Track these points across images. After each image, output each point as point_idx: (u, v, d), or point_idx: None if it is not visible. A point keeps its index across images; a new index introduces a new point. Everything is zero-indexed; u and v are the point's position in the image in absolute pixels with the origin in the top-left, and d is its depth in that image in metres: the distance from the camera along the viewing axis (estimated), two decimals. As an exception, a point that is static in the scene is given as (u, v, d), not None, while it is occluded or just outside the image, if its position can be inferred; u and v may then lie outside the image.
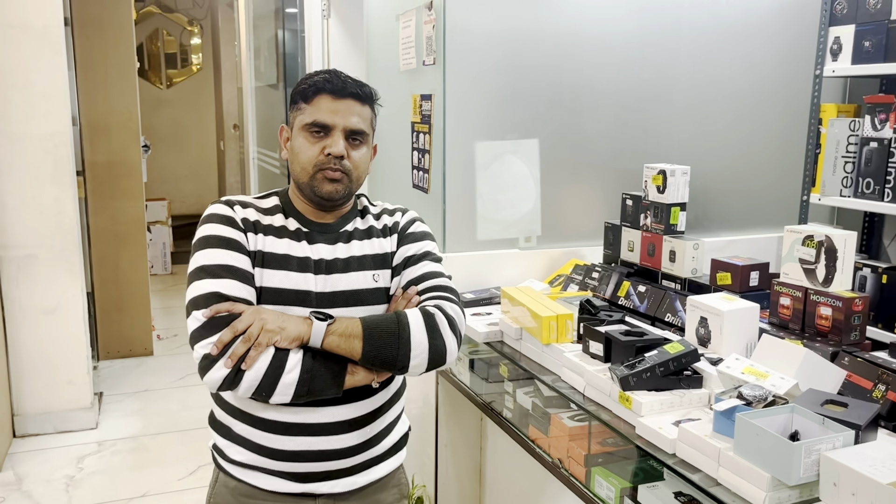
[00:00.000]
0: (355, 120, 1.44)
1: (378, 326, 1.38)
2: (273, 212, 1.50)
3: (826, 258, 1.70)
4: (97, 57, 4.55)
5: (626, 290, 2.18)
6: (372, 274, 1.50)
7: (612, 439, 1.73)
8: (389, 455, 1.56)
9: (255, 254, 1.44)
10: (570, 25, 2.47)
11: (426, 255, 1.55)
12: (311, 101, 1.45)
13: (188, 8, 8.21)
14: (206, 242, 1.42)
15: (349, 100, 1.44)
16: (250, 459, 1.46)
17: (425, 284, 1.50)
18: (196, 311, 1.36)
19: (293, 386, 1.35)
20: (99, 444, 3.64)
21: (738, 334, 1.72)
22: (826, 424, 1.27)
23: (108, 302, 4.74)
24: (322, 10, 3.86)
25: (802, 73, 2.68)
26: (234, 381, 1.34)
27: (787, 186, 2.75)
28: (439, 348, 1.41)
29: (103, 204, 4.68)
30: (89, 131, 4.56)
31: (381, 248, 1.54)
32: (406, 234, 1.56)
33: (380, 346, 1.37)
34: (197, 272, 1.40)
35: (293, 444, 1.43)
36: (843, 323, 1.66)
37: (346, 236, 1.51)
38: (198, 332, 1.36)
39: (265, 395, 1.35)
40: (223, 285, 1.37)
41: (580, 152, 2.55)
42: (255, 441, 1.45)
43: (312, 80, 1.46)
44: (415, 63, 2.55)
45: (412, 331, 1.39)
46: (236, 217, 1.45)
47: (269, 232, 1.47)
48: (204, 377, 1.35)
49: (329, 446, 1.45)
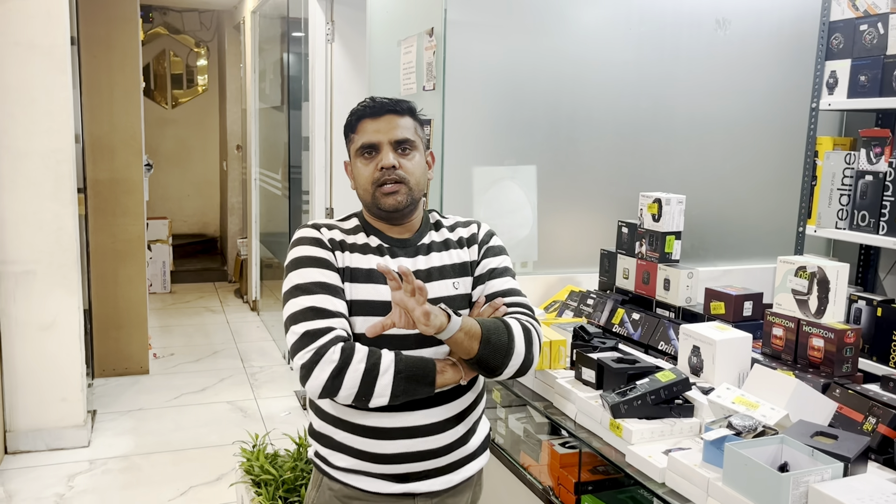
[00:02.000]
0: (398, 131, 1.55)
1: (495, 333, 1.47)
2: (355, 231, 1.60)
3: (818, 289, 1.70)
4: (103, 76, 4.60)
5: (621, 318, 2.18)
6: (452, 282, 1.59)
7: (602, 467, 1.72)
8: (478, 454, 1.64)
9: (344, 270, 1.53)
10: (569, 54, 2.50)
11: (507, 271, 1.65)
12: (357, 130, 1.57)
13: (195, 30, 8.29)
14: (299, 263, 1.52)
15: (387, 116, 1.55)
16: (353, 465, 1.53)
17: (511, 299, 1.59)
18: (295, 325, 1.45)
19: (389, 387, 1.42)
20: (90, 463, 3.61)
21: (730, 364, 1.72)
22: (815, 456, 1.27)
23: (105, 319, 4.74)
24: (326, 35, 3.90)
25: (799, 106, 2.70)
26: (334, 388, 1.41)
27: (783, 217, 2.76)
28: (529, 362, 1.53)
29: (104, 221, 4.69)
30: (93, 149, 4.60)
31: (460, 258, 1.63)
32: (488, 246, 1.66)
33: (493, 351, 1.46)
34: (292, 290, 1.50)
35: (393, 448, 1.51)
36: (834, 354, 1.66)
37: (424, 249, 1.60)
38: (296, 343, 1.44)
39: (364, 399, 1.42)
40: (318, 300, 1.47)
41: (577, 179, 2.57)
42: (356, 447, 1.52)
43: (354, 111, 1.59)
44: (415, 88, 2.58)
45: (516, 343, 1.49)
46: (324, 238, 1.55)
47: (355, 249, 1.56)
48: (306, 385, 1.42)
49: (426, 447, 1.52)
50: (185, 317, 6.39)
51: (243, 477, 2.85)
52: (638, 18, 2.56)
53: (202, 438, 3.92)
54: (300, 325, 1.44)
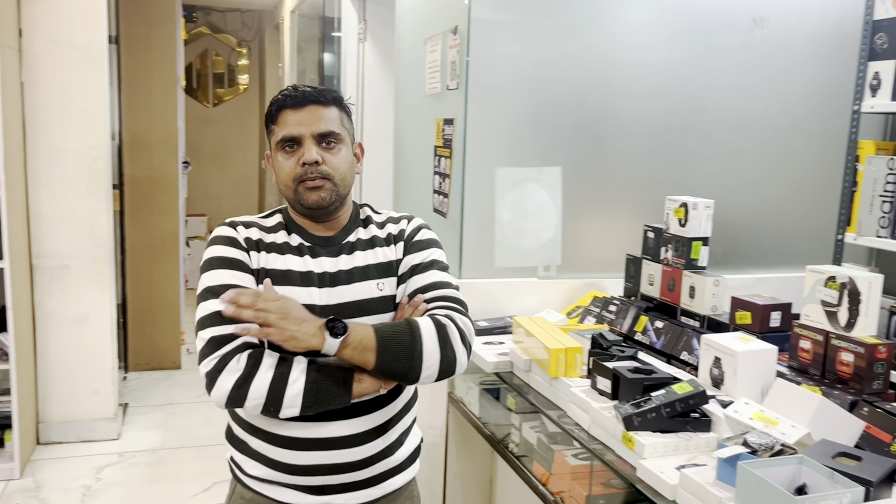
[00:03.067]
0: (321, 123, 1.45)
1: (392, 339, 1.38)
2: (276, 229, 1.52)
3: (849, 301, 1.61)
4: (142, 74, 4.66)
5: (644, 326, 2.11)
6: (376, 283, 1.51)
7: (614, 480, 1.66)
8: (404, 468, 1.56)
9: (259, 271, 1.46)
10: (596, 53, 2.43)
11: (433, 264, 1.54)
12: (277, 121, 1.48)
13: (237, 29, 8.39)
14: (211, 264, 1.45)
15: (310, 106, 1.45)
16: (267, 474, 1.47)
17: (433, 294, 1.49)
18: (202, 330, 1.39)
19: (299, 397, 1.35)
20: (119, 455, 3.66)
21: (753, 377, 1.64)
22: (835, 479, 1.19)
23: (140, 314, 4.81)
24: (358, 34, 3.89)
25: (839, 109, 2.59)
26: (240, 398, 1.34)
27: (820, 225, 2.65)
28: (450, 360, 1.41)
29: (140, 218, 4.76)
30: (130, 146, 4.67)
31: (385, 257, 1.54)
32: (412, 241, 1.56)
33: (393, 359, 1.37)
34: (203, 293, 1.43)
35: (308, 459, 1.44)
36: (864, 370, 1.57)
37: (348, 247, 1.52)
38: (202, 350, 1.38)
39: (273, 410, 1.35)
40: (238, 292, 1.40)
41: (604, 182, 2.50)
42: (270, 457, 1.46)
43: (274, 100, 1.49)
44: (439, 87, 2.54)
45: (425, 343, 1.39)
46: (239, 237, 1.48)
47: (272, 249, 1.49)
48: (210, 395, 1.37)
49: (344, 459, 1.45)
50: (220, 313, 6.46)
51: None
52: (671, 17, 2.48)
53: (229, 435, 3.94)
54: (207, 330, 1.38)
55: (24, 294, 3.51)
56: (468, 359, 1.45)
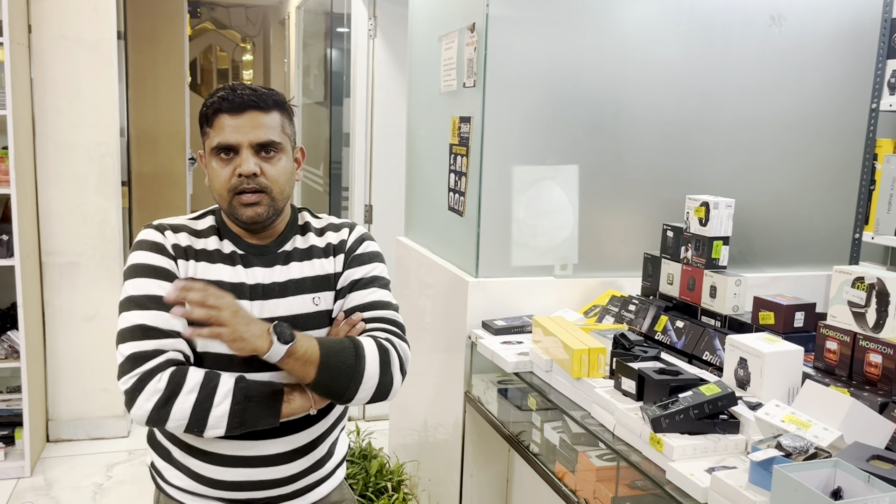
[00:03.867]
0: (261, 132, 1.36)
1: (336, 355, 1.32)
2: (207, 234, 1.43)
3: (877, 302, 1.60)
4: (148, 71, 4.65)
5: (664, 325, 2.10)
6: (312, 297, 1.43)
7: (640, 482, 1.65)
8: (330, 476, 1.53)
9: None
10: (613, 51, 2.42)
11: (374, 281, 1.47)
12: (213, 124, 1.38)
13: (242, 25, 8.37)
14: (135, 271, 1.36)
15: (249, 112, 1.35)
16: (188, 485, 1.42)
17: (373, 314, 1.43)
18: (122, 345, 1.31)
19: (225, 418, 1.29)
20: (129, 453, 3.65)
21: (779, 378, 1.63)
22: (871, 482, 1.18)
23: (147, 311, 4.80)
24: (369, 31, 3.87)
25: (857, 107, 2.58)
26: (161, 418, 1.27)
27: (837, 223, 2.64)
28: (387, 386, 1.37)
29: (147, 214, 4.75)
30: (137, 142, 4.66)
31: (323, 269, 1.46)
32: (354, 255, 1.48)
33: (334, 376, 1.31)
34: (125, 303, 1.34)
35: (233, 475, 1.39)
36: (893, 372, 1.56)
37: (283, 257, 1.44)
38: (121, 366, 1.31)
39: (197, 430, 1.29)
40: (149, 317, 1.31)
41: (620, 180, 2.49)
42: (193, 469, 1.41)
43: (210, 101, 1.39)
44: (455, 85, 2.53)
45: (367, 366, 1.34)
46: (166, 244, 1.39)
47: (201, 257, 1.40)
48: (130, 412, 1.30)
49: (270, 476, 1.41)
50: (225, 310, 6.45)
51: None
52: (688, 14, 2.46)
53: (238, 432, 3.93)
54: (127, 344, 1.29)
55: (33, 291, 3.50)
56: (401, 385, 1.41)
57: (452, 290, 2.48)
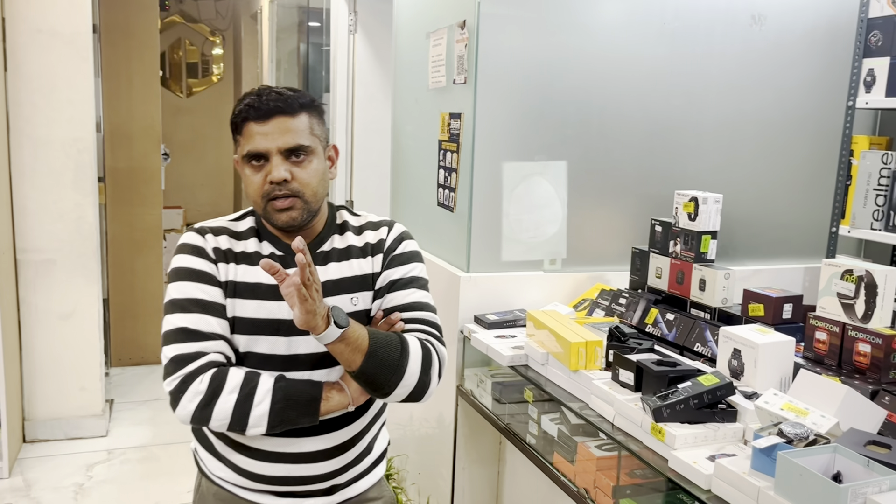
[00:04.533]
0: (289, 137, 1.35)
1: (384, 347, 1.34)
2: (247, 236, 1.44)
3: (866, 293, 1.67)
4: (122, 64, 4.57)
5: (654, 318, 2.15)
6: (350, 297, 1.44)
7: (640, 471, 1.69)
8: (370, 471, 1.55)
9: (227, 284, 1.39)
10: (600, 49, 2.45)
11: (413, 282, 1.47)
12: (242, 132, 1.38)
13: (211, 18, 8.26)
14: (178, 275, 1.39)
15: (276, 118, 1.35)
16: (231, 478, 1.45)
17: (412, 315, 1.44)
18: (166, 347, 1.35)
19: (265, 417, 1.32)
20: (109, 453, 3.61)
21: (772, 368, 1.69)
22: (871, 467, 1.23)
23: (122, 308, 4.74)
24: (349, 26, 3.87)
25: (834, 104, 2.65)
26: (205, 418, 1.31)
27: (815, 217, 2.72)
28: (425, 386, 1.39)
29: (122, 210, 4.68)
30: (111, 138, 4.58)
31: (361, 270, 1.46)
32: (393, 255, 1.48)
33: (378, 368, 1.33)
34: (168, 306, 1.38)
35: (274, 470, 1.42)
36: (882, 360, 1.62)
37: (322, 258, 1.44)
38: (165, 368, 1.34)
39: (239, 429, 1.33)
40: (191, 320, 1.35)
41: (607, 176, 2.53)
42: (236, 463, 1.44)
43: (238, 110, 1.39)
44: (444, 81, 2.54)
45: (410, 364, 1.36)
46: (207, 247, 1.40)
47: (242, 260, 1.41)
48: (174, 412, 1.33)
49: (310, 472, 1.44)
50: (199, 306, 6.38)
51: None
52: (672, 13, 2.51)
53: (219, 430, 3.91)
54: (170, 347, 1.33)
55: (8, 289, 3.43)
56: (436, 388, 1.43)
57: (444, 285, 2.50)
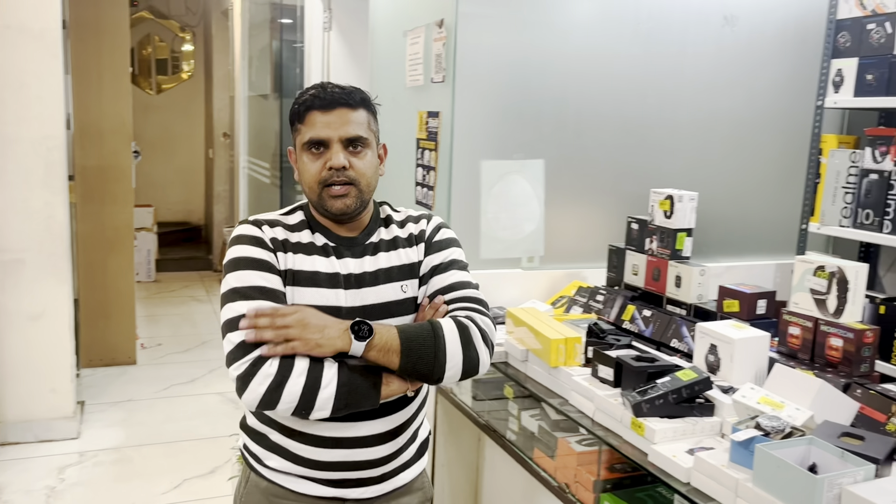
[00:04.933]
0: (350, 128, 1.44)
1: (416, 339, 1.39)
2: (300, 228, 1.51)
3: (838, 289, 1.71)
4: (92, 61, 4.51)
5: (631, 315, 2.18)
6: (400, 285, 1.51)
7: (620, 465, 1.72)
8: (415, 461, 1.59)
9: (286, 272, 1.44)
10: (577, 48, 2.48)
11: (453, 264, 1.55)
12: (304, 121, 1.46)
13: (181, 14, 8.16)
14: (237, 264, 1.43)
15: (339, 109, 1.44)
16: (285, 467, 1.48)
17: (453, 294, 1.50)
18: (230, 333, 1.37)
19: (331, 400, 1.36)
20: (81, 455, 3.56)
21: (748, 363, 1.72)
22: (846, 458, 1.27)
23: (93, 309, 4.67)
24: (324, 23, 3.85)
25: (804, 104, 2.71)
26: (273, 401, 1.34)
27: (785, 215, 2.77)
28: (473, 360, 1.43)
29: (92, 209, 4.61)
30: (81, 135, 4.51)
31: (408, 259, 1.54)
32: (432, 242, 1.56)
33: (417, 360, 1.39)
34: (230, 294, 1.41)
35: (330, 456, 1.45)
36: (853, 354, 1.66)
37: (372, 248, 1.52)
38: (232, 353, 1.37)
39: (304, 413, 1.37)
40: (256, 306, 1.38)
41: (584, 174, 2.56)
42: (291, 451, 1.47)
43: (302, 99, 1.47)
44: (422, 80, 2.55)
45: (448, 343, 1.40)
46: (265, 237, 1.46)
47: (298, 250, 1.47)
48: (241, 397, 1.36)
49: (364, 457, 1.47)
50: (171, 306, 6.32)
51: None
52: (647, 13, 2.55)
53: (194, 430, 3.88)
54: (236, 333, 1.36)
55: (-23, 290, 3.37)
56: (490, 357, 1.47)
57: (422, 283, 2.50)
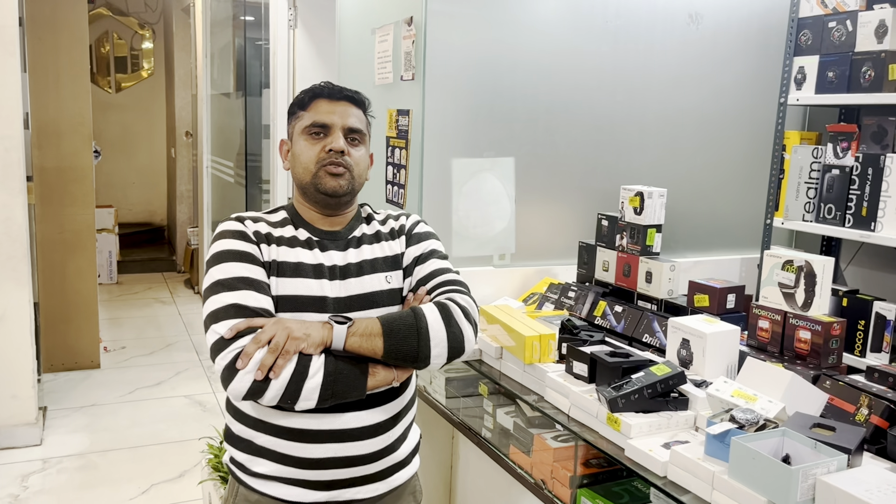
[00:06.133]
0: (353, 120, 1.52)
1: (396, 321, 1.42)
2: (283, 224, 1.54)
3: (805, 283, 1.74)
4: (49, 58, 4.40)
5: (603, 310, 2.20)
6: (385, 276, 1.54)
7: (596, 460, 1.73)
8: (406, 463, 1.59)
9: (270, 264, 1.47)
10: (546, 46, 2.49)
11: (432, 254, 1.60)
12: (308, 107, 1.53)
13: (140, 12, 8.01)
14: (220, 258, 1.45)
15: (345, 102, 1.53)
16: (274, 470, 1.46)
17: (434, 281, 1.55)
18: (215, 324, 1.38)
19: (317, 390, 1.36)
20: (44, 462, 3.48)
21: (719, 356, 1.75)
22: (818, 448, 1.29)
23: (53, 312, 4.56)
24: (288, 21, 3.81)
25: (767, 101, 2.75)
26: (260, 390, 1.35)
27: (751, 210, 2.81)
28: (457, 337, 1.45)
29: (52, 211, 4.51)
30: (39, 135, 4.40)
31: (392, 251, 1.58)
32: (412, 234, 1.61)
33: (400, 341, 1.40)
34: (214, 286, 1.42)
35: (318, 452, 1.45)
36: (821, 346, 1.70)
37: (355, 241, 1.56)
38: (217, 344, 1.37)
39: (290, 402, 1.37)
40: (240, 296, 1.40)
41: (554, 171, 2.57)
42: (278, 451, 1.45)
43: (309, 89, 1.55)
44: (391, 78, 2.54)
45: (429, 322, 1.42)
46: (248, 231, 1.49)
47: (282, 242, 1.50)
48: (228, 388, 1.36)
49: (352, 452, 1.46)
50: (134, 308, 6.21)
51: (211, 474, 2.78)
52: (614, 11, 2.56)
53: (161, 434, 3.81)
54: (221, 324, 1.37)
55: (-67, 295, 3.27)
56: (476, 336, 1.49)
57: (393, 282, 2.49)
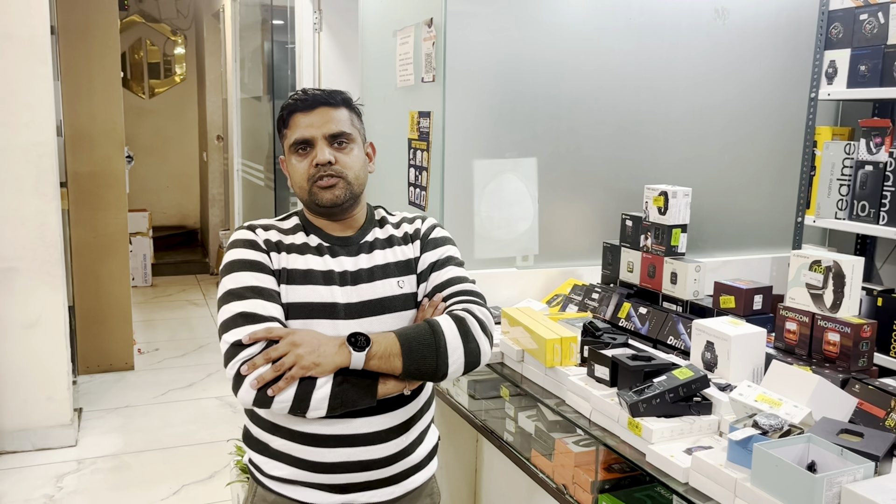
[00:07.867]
0: (332, 125, 1.49)
1: (415, 341, 1.41)
2: (294, 231, 1.54)
3: (834, 283, 1.69)
4: (82, 66, 4.48)
5: (627, 312, 2.16)
6: (397, 281, 1.53)
7: (617, 465, 1.70)
8: (423, 465, 1.58)
9: (280, 272, 1.47)
10: (568, 45, 2.46)
11: (449, 261, 1.58)
12: (289, 125, 1.51)
13: (172, 18, 8.13)
14: (231, 267, 1.47)
15: (320, 109, 1.49)
16: (290, 474, 1.47)
17: (450, 290, 1.53)
18: (225, 333, 1.40)
19: (326, 400, 1.37)
20: (79, 463, 3.54)
21: (745, 359, 1.71)
22: (845, 455, 1.25)
23: (88, 315, 4.65)
24: (314, 24, 3.83)
25: (797, 96, 2.69)
26: (266, 402, 1.36)
27: (781, 208, 2.75)
28: (474, 351, 1.45)
29: (86, 215, 4.59)
30: (72, 141, 4.49)
31: (404, 255, 1.57)
32: (428, 239, 1.59)
33: (419, 360, 1.40)
34: (225, 296, 1.44)
35: (332, 456, 1.45)
36: (851, 349, 1.65)
37: (367, 247, 1.55)
38: (227, 353, 1.39)
39: (300, 412, 1.38)
40: (249, 305, 1.41)
41: (577, 171, 2.54)
42: (294, 455, 1.46)
43: (285, 105, 1.53)
44: (413, 80, 2.53)
45: (448, 339, 1.42)
46: (258, 239, 1.50)
47: (292, 250, 1.50)
48: (237, 396, 1.38)
49: (367, 456, 1.46)
50: (167, 311, 6.30)
51: (239, 475, 2.81)
52: (638, 8, 2.53)
53: (192, 435, 3.86)
54: (230, 332, 1.39)
55: (-30, 299, 3.35)
56: (491, 348, 1.49)
57: (416, 284, 2.49)
